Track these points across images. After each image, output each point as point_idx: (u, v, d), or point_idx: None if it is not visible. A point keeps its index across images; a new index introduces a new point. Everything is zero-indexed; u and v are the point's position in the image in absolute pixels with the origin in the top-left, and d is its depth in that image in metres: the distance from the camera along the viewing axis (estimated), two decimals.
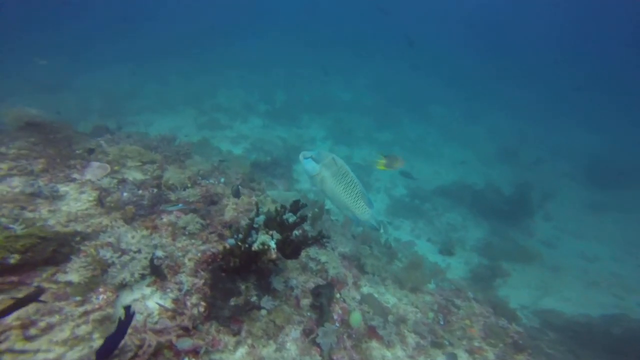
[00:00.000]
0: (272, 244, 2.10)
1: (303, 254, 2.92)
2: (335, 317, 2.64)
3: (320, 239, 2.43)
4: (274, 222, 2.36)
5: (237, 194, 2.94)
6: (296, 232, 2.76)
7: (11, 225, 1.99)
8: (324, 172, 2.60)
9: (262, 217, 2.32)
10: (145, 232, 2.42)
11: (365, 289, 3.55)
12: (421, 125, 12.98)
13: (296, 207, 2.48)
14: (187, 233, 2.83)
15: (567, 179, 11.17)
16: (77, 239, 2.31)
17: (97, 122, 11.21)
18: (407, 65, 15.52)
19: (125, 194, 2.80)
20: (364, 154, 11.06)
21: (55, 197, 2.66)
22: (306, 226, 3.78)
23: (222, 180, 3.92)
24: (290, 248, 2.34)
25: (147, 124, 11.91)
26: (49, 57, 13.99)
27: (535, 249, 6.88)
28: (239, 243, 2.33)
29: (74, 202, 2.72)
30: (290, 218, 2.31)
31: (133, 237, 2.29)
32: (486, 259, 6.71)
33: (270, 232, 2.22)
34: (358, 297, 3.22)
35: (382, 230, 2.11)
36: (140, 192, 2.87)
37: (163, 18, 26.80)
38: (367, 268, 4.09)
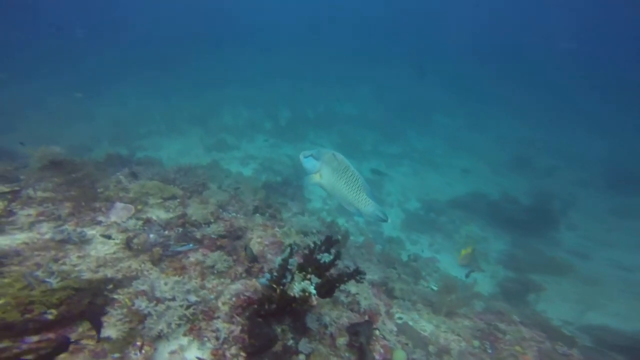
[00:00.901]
0: (313, 291, 2.03)
1: None
2: (377, 357, 2.53)
3: (356, 275, 2.35)
4: (308, 262, 2.30)
5: (253, 259, 2.90)
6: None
7: (48, 279, 1.96)
8: (324, 169, 2.56)
9: (295, 260, 2.26)
10: (177, 278, 2.37)
11: (399, 317, 3.42)
12: (428, 136, 12.99)
13: (329, 243, 2.42)
14: (215, 272, 2.77)
15: (586, 186, 10.91)
16: (110, 286, 2.27)
17: (108, 149, 11.39)
18: (414, 73, 15.61)
19: (151, 236, 2.77)
20: (373, 167, 11.02)
21: (83, 241, 2.64)
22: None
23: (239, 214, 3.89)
24: (326, 288, 2.27)
25: (156, 148, 12.07)
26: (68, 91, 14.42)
27: (565, 260, 6.63)
28: (274, 285, 2.27)
29: (101, 246, 2.69)
30: (325, 258, 2.25)
31: (166, 284, 2.23)
32: (513, 272, 6.49)
33: (308, 275, 2.15)
34: (394, 328, 3.10)
35: (388, 220, 2.40)
36: (166, 232, 2.84)
37: (158, 38, 27.03)
38: (396, 292, 3.97)
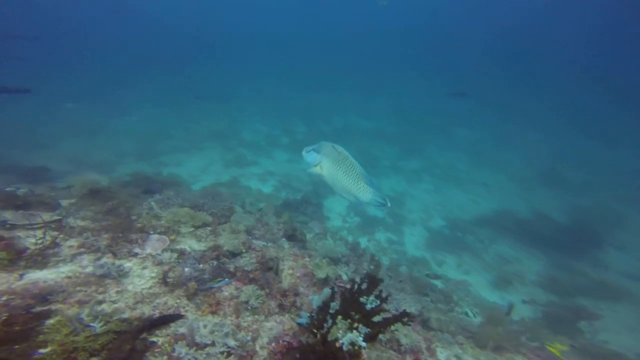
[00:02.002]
0: (363, 344, 1.90)
1: None
2: None
3: (403, 318, 2.20)
4: (352, 306, 2.17)
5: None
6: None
7: (92, 324, 1.93)
8: (325, 161, 2.62)
9: (336, 304, 2.14)
10: (215, 319, 2.30)
11: (441, 354, 3.19)
12: (449, 151, 12.65)
13: (372, 283, 2.29)
14: (249, 308, 2.69)
15: (629, 203, 10.19)
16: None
17: (133, 166, 11.77)
18: (447, 93, 15.35)
19: (186, 269, 2.74)
20: (392, 184, 10.82)
21: (121, 275, 2.64)
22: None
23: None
24: (371, 335, 2.12)
25: (177, 164, 12.40)
26: (79, 102, 15.22)
27: (618, 284, 6.07)
28: (314, 330, 2.15)
29: (138, 280, 2.68)
30: (371, 302, 2.12)
31: (205, 326, 2.17)
32: (555, 295, 6.01)
33: (355, 324, 2.02)
34: None
35: (389, 204, 2.51)
36: (201, 266, 2.80)
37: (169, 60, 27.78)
38: (432, 323, 3.75)
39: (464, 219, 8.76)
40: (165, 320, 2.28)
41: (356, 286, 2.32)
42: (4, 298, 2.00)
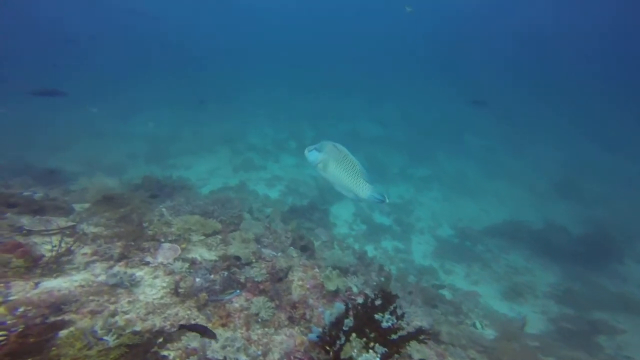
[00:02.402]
0: None
1: None
2: None
3: (419, 336, 2.14)
4: (366, 323, 2.12)
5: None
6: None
7: (105, 337, 1.93)
8: (326, 159, 2.74)
9: (350, 321, 2.10)
10: (227, 334, 2.27)
11: None
12: (459, 159, 12.46)
13: (387, 300, 2.23)
14: (259, 320, 2.66)
15: None
16: (160, 340, 2.21)
17: (143, 168, 11.92)
18: (466, 101, 15.08)
19: (198, 280, 2.73)
20: (401, 191, 10.71)
21: (133, 284, 2.64)
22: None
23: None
24: (387, 355, 2.07)
25: (186, 166, 12.54)
26: (98, 105, 15.57)
27: (639, 297, 5.85)
28: (327, 347, 2.11)
29: (149, 289, 2.68)
30: (387, 320, 2.07)
31: (217, 342, 2.14)
32: (570, 308, 5.81)
33: (371, 343, 1.97)
34: None
35: (387, 200, 2.62)
36: (212, 276, 2.79)
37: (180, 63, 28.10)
38: (443, 336, 3.66)
39: (474, 228, 8.60)
40: (194, 328, 2.23)
41: (369, 301, 2.27)
42: (22, 309, 2.01)
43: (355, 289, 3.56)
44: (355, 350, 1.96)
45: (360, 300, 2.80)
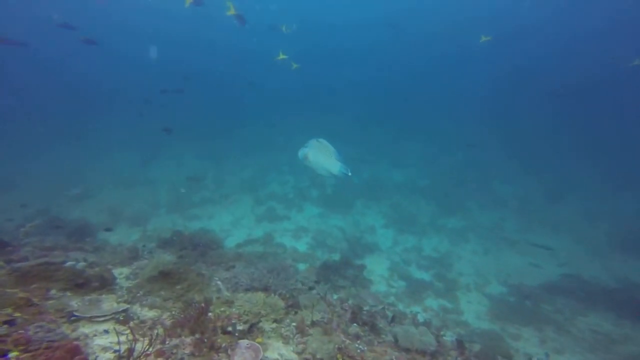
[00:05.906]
0: None
1: None
2: None
3: None
4: None
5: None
6: None
7: None
8: (310, 151, 3.43)
9: None
10: None
11: None
12: (492, 209, 11.88)
13: None
14: None
15: None
16: None
17: (166, 218, 11.68)
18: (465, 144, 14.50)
19: None
20: (434, 244, 10.04)
21: None
22: None
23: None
24: None
25: (209, 216, 12.27)
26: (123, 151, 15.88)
27: None
28: None
29: None
30: None
31: None
32: None
33: None
34: None
35: (349, 174, 3.14)
36: None
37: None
38: None
39: (529, 285, 7.73)
40: None
41: None
42: None
43: None
44: None
45: None
